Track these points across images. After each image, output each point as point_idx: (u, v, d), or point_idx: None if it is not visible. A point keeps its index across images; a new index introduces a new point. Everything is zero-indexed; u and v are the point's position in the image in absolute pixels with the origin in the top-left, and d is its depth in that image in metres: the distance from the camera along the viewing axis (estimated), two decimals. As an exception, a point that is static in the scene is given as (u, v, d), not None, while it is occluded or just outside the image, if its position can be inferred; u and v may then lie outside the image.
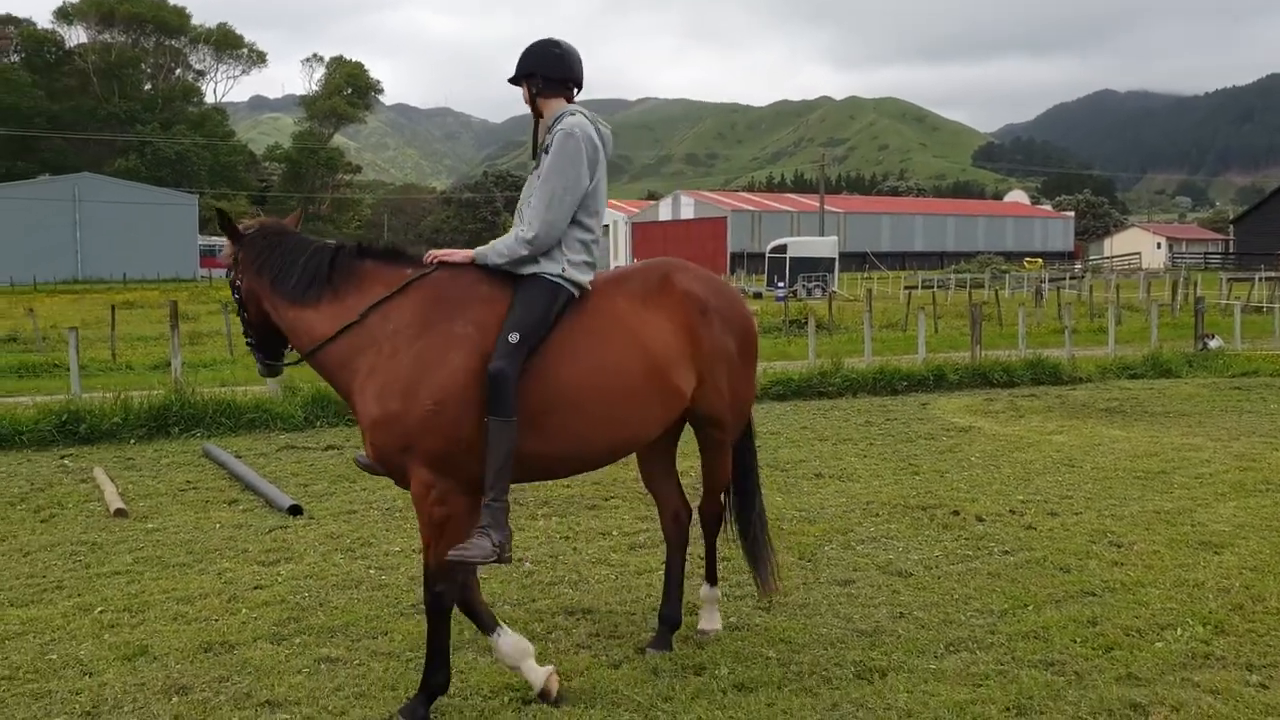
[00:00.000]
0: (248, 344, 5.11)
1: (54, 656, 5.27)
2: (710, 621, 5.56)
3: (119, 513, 8.20)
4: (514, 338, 4.49)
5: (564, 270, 4.74)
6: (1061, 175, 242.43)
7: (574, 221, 4.79)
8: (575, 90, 5.00)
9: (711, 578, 5.61)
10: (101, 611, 5.91)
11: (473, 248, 4.90)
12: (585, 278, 4.83)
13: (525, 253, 4.70)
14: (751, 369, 5.35)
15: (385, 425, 4.44)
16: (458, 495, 4.48)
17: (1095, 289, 44.53)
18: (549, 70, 4.89)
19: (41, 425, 11.46)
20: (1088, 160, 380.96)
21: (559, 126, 4.78)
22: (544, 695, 4.65)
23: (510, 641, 4.71)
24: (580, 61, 4.98)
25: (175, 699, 4.73)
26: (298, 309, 4.70)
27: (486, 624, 4.75)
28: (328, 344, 4.63)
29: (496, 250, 4.75)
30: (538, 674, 4.68)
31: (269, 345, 5.02)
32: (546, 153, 4.78)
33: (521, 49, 4.96)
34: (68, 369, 14.17)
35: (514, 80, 4.97)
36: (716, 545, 5.63)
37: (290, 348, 4.94)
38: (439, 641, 4.55)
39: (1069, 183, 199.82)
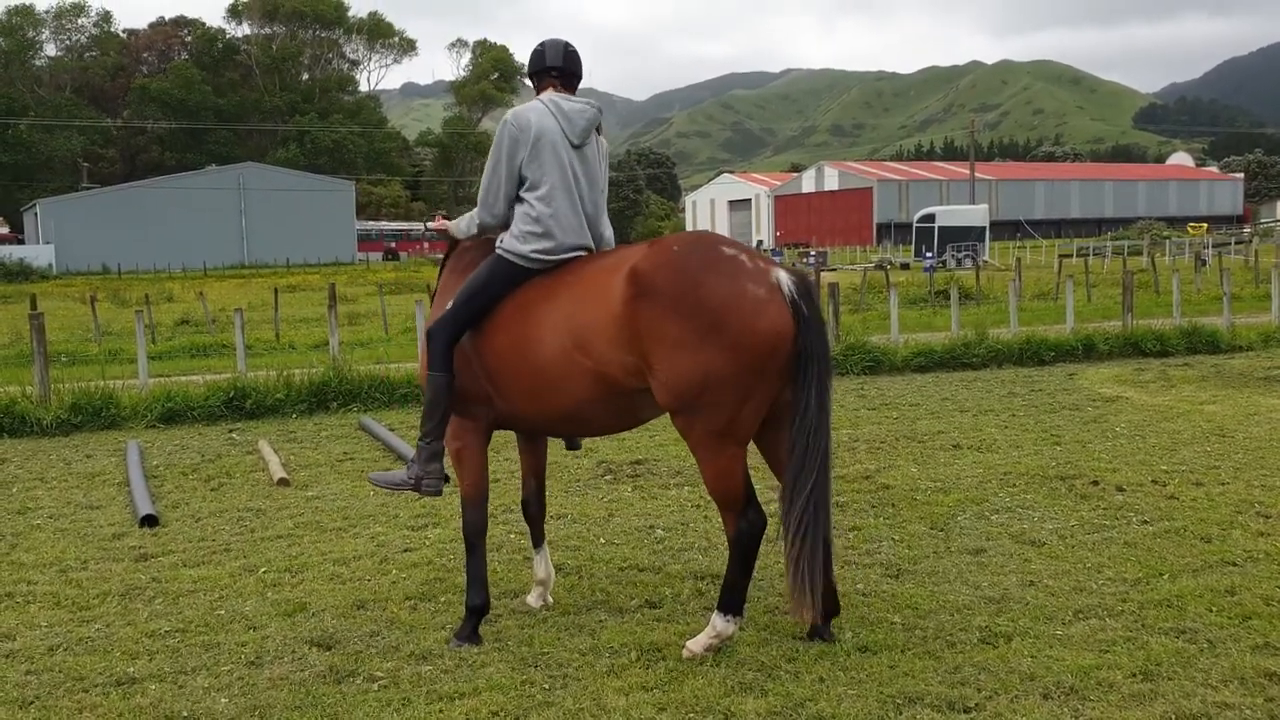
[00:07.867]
0: None
1: (222, 612, 5.70)
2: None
3: (281, 482, 8.73)
4: (449, 303, 5.15)
5: (502, 242, 5.16)
6: (1231, 135, 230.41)
7: (519, 198, 5.16)
8: (574, 81, 5.36)
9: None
10: (265, 572, 6.34)
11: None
12: (527, 248, 5.06)
13: (476, 230, 5.35)
14: (706, 354, 4.50)
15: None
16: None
17: (1263, 254, 42.30)
18: (572, 66, 5.34)
19: (211, 401, 12.23)
20: (1260, 118, 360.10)
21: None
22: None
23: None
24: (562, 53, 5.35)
25: (330, 651, 5.08)
26: None
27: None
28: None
29: (459, 227, 5.45)
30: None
31: None
32: None
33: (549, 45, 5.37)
34: (235, 349, 15.00)
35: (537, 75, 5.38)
36: (737, 569, 4.85)
37: None
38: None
39: (1239, 142, 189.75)
